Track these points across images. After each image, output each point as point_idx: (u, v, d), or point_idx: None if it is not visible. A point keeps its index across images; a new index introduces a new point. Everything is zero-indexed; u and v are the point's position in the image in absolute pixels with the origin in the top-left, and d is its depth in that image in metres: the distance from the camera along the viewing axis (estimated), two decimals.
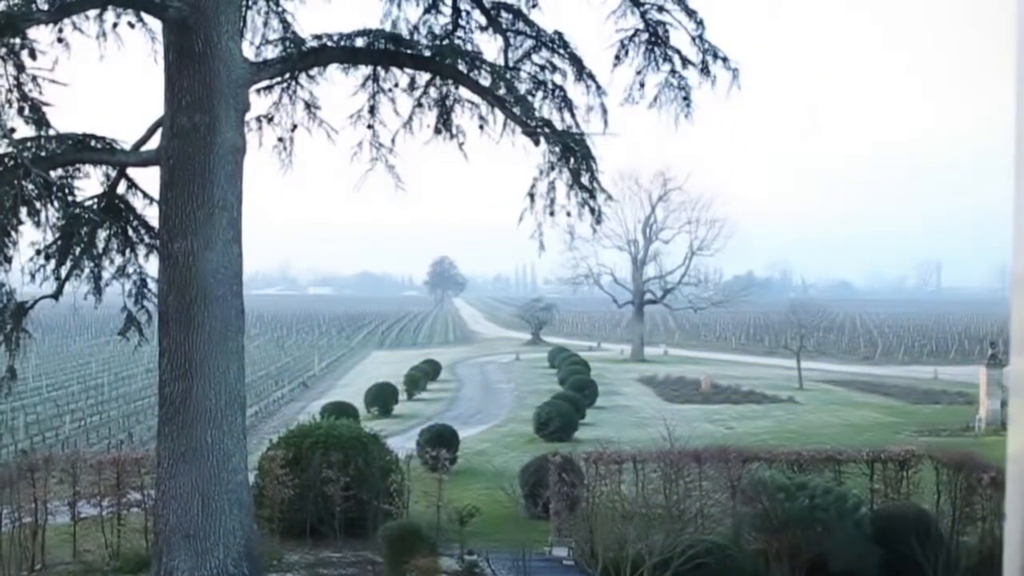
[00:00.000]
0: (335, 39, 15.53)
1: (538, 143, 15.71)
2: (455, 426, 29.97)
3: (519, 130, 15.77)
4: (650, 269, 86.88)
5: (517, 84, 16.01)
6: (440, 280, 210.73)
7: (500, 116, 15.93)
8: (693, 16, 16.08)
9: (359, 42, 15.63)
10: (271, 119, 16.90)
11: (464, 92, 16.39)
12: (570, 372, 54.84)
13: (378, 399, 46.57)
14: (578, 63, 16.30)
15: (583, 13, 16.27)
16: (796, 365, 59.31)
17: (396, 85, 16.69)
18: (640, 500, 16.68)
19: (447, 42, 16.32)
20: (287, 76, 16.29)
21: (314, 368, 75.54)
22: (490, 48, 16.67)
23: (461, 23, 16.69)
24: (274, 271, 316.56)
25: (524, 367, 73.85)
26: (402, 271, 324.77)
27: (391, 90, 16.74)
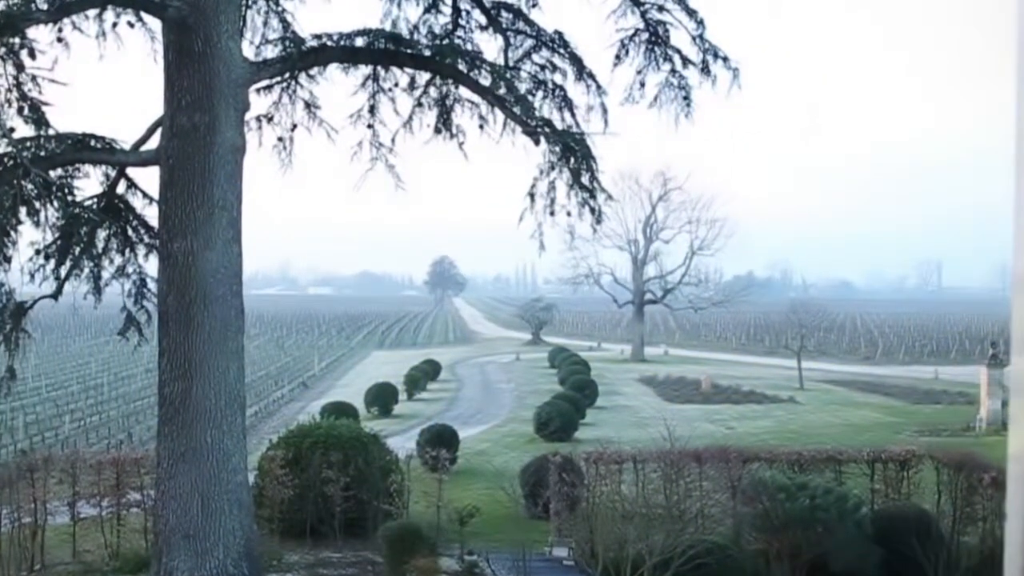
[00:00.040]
0: (335, 39, 15.52)
1: (538, 143, 15.69)
2: (455, 426, 29.96)
3: (519, 130, 15.75)
4: (650, 269, 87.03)
5: (517, 84, 16.00)
6: (440, 280, 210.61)
7: (500, 116, 15.92)
8: (693, 16, 16.08)
9: (359, 42, 15.62)
10: (271, 119, 16.90)
11: (464, 92, 16.39)
12: (570, 372, 54.83)
13: (378, 399, 46.56)
14: (578, 63, 16.29)
15: (583, 13, 16.29)
16: (797, 365, 59.30)
17: (396, 85, 16.70)
18: (640, 500, 16.66)
19: (447, 42, 16.31)
20: (287, 76, 16.29)
21: (314, 368, 75.52)
22: (490, 48, 16.68)
23: (461, 23, 16.68)
24: (274, 271, 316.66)
25: (524, 367, 73.82)
26: (402, 271, 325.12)
27: (391, 90, 16.74)
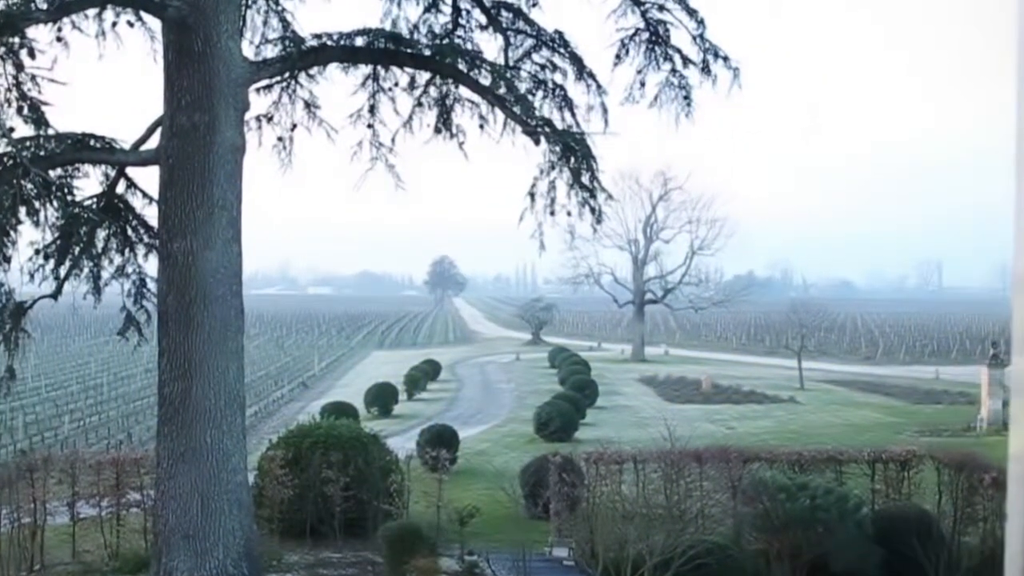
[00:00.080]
0: (335, 38, 15.51)
1: (538, 142, 15.68)
2: (455, 426, 29.94)
3: (519, 129, 15.74)
4: (651, 269, 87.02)
5: (517, 83, 15.98)
6: (440, 280, 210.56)
7: (500, 115, 15.91)
8: (694, 15, 16.07)
9: (359, 41, 15.61)
10: (271, 118, 16.89)
11: (464, 91, 16.38)
12: (570, 372, 54.81)
13: (378, 399, 46.55)
14: (578, 62, 16.27)
15: (583, 12, 16.28)
16: (797, 365, 59.27)
17: (396, 84, 16.69)
18: (641, 500, 16.65)
19: (447, 41, 16.30)
20: (287, 75, 16.28)
21: (314, 368, 75.51)
22: (490, 47, 16.67)
23: (461, 22, 16.66)
24: (274, 271, 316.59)
25: (524, 367, 73.80)
26: (402, 271, 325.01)
27: (391, 89, 16.73)
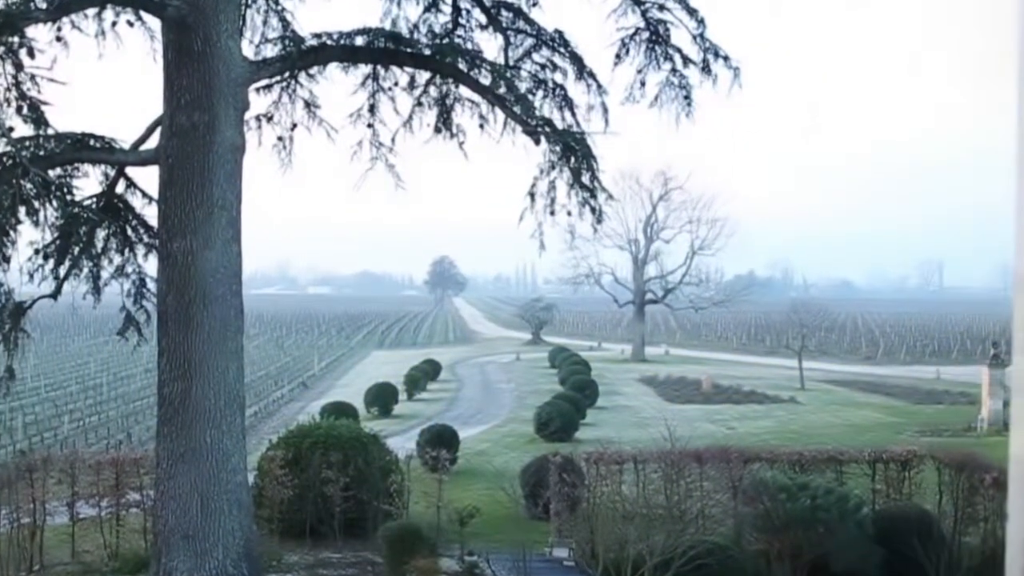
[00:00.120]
0: (335, 38, 15.50)
1: (538, 142, 15.66)
2: (455, 426, 29.90)
3: (519, 129, 15.72)
4: (651, 269, 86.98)
5: (517, 83, 15.97)
6: (440, 280, 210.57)
7: (500, 115, 15.90)
8: (694, 15, 16.05)
9: (359, 41, 15.60)
10: (270, 118, 16.88)
11: (464, 91, 16.36)
12: (571, 372, 54.79)
13: (378, 399, 46.53)
14: (579, 62, 16.26)
15: (584, 12, 16.26)
16: (798, 365, 59.24)
17: (396, 84, 16.67)
18: (641, 500, 16.64)
19: (447, 41, 16.28)
20: (286, 75, 16.26)
21: (313, 368, 75.50)
22: (490, 47, 16.66)
23: (461, 21, 16.65)
24: (273, 270, 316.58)
25: (524, 367, 73.79)
26: (402, 271, 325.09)
27: (391, 89, 16.72)
